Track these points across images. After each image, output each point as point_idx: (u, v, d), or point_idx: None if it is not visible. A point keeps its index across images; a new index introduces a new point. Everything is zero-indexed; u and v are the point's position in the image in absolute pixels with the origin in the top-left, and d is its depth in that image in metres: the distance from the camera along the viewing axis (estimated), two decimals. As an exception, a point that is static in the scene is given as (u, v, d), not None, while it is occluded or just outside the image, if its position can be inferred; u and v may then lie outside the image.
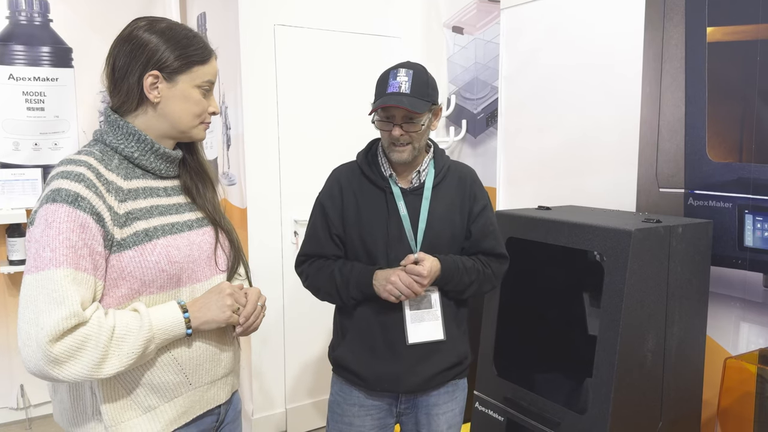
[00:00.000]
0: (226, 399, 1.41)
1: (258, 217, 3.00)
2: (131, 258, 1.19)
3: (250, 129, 2.95)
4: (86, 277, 1.13)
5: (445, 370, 1.74)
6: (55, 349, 1.06)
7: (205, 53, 1.30)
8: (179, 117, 1.29)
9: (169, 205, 1.31)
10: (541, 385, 2.04)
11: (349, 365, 1.75)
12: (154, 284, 1.23)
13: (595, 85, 2.35)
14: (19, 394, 3.32)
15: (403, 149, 1.65)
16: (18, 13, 3.21)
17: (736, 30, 1.91)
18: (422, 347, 1.69)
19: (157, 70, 1.24)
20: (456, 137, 3.20)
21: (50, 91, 3.30)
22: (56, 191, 1.13)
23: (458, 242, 1.74)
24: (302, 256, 1.80)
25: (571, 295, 2.13)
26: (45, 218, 1.12)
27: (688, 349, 1.91)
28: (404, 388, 1.72)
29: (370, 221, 1.70)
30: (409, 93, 1.60)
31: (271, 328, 3.05)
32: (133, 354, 1.15)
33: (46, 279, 1.09)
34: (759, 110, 1.86)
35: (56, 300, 1.08)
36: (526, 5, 2.61)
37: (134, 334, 1.15)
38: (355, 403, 1.77)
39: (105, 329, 1.12)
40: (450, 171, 1.77)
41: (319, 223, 1.76)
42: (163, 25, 1.28)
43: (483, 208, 1.77)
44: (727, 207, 1.94)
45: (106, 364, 1.12)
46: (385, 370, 1.70)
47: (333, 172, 1.81)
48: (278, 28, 2.97)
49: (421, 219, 1.69)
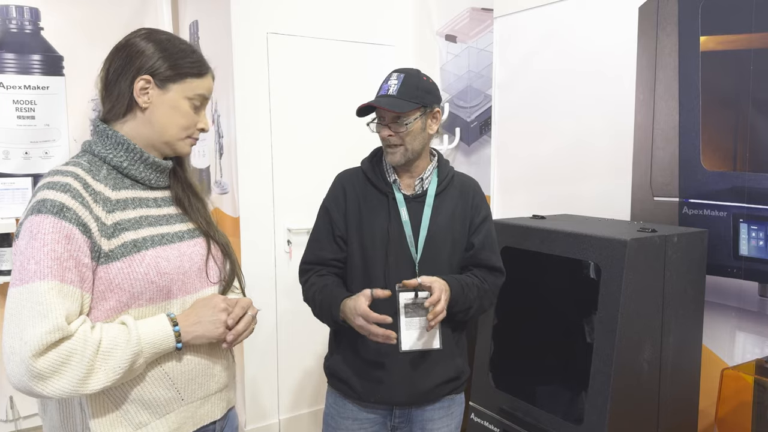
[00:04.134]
0: (221, 415, 1.38)
1: (251, 226, 2.98)
2: (119, 269, 1.17)
3: (243, 137, 2.93)
4: (72, 289, 1.10)
5: (441, 383, 1.72)
6: (38, 364, 1.04)
7: (201, 68, 1.30)
8: (165, 126, 1.27)
9: (159, 215, 1.29)
10: (537, 395, 2.03)
11: (342, 375, 1.74)
12: (143, 296, 1.20)
13: (588, 94, 2.35)
14: (8, 406, 3.28)
15: (395, 150, 1.67)
16: (8, 21, 3.18)
17: (729, 39, 1.91)
18: (417, 357, 1.67)
19: (149, 74, 1.23)
20: (449, 145, 3.20)
21: (41, 100, 3.27)
22: (41, 202, 1.11)
23: (458, 252, 1.73)
24: (303, 264, 1.79)
25: (566, 305, 2.12)
26: (30, 230, 1.10)
27: (684, 358, 1.90)
28: (398, 400, 1.70)
29: (371, 226, 1.70)
30: (395, 95, 1.64)
31: (265, 337, 3.02)
32: (120, 369, 1.12)
33: (30, 292, 1.07)
34: (753, 119, 1.87)
35: (40, 313, 1.05)
36: (519, 14, 2.61)
37: (121, 348, 1.12)
38: (349, 416, 1.75)
39: (90, 343, 1.09)
40: (453, 180, 1.77)
41: (323, 225, 1.76)
42: (163, 36, 1.28)
43: (484, 219, 1.77)
44: (721, 216, 1.94)
45: (91, 379, 1.09)
46: (378, 380, 1.68)
47: (337, 177, 1.82)
48: (271, 36, 2.96)
49: (423, 226, 1.69)
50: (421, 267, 1.66)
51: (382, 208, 1.71)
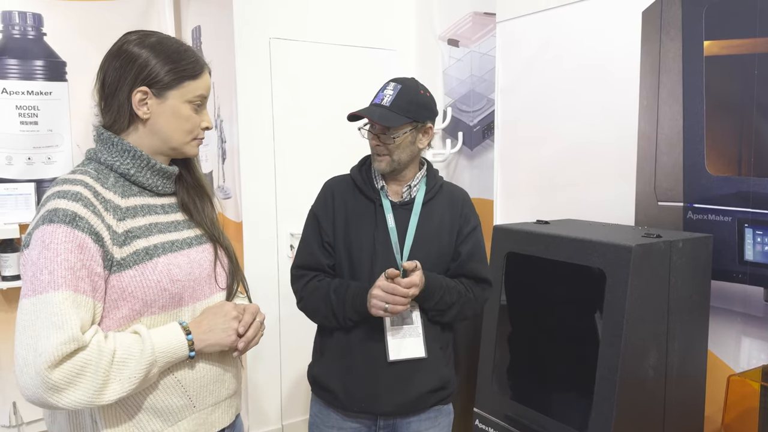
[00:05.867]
0: (230, 422, 1.38)
1: (254, 231, 2.97)
2: (132, 277, 1.16)
3: (246, 142, 2.93)
4: (85, 299, 1.10)
5: (426, 393, 1.70)
6: (53, 375, 1.03)
7: (196, 68, 1.28)
8: (170, 134, 1.26)
9: (167, 222, 1.29)
10: (542, 402, 2.01)
11: (326, 383, 1.72)
12: (156, 304, 1.20)
13: (591, 98, 2.34)
14: (11, 412, 3.27)
15: (381, 159, 1.67)
16: (11, 27, 3.18)
17: (733, 44, 1.91)
18: (402, 366, 1.65)
19: (146, 85, 1.22)
20: (452, 149, 3.19)
21: (44, 105, 3.27)
22: (53, 211, 1.10)
23: (444, 261, 1.73)
24: (295, 269, 1.78)
25: (571, 311, 2.11)
26: (42, 240, 1.09)
27: (689, 364, 1.89)
28: (382, 409, 1.68)
29: (357, 231, 1.70)
30: (388, 106, 1.63)
31: (267, 342, 3.01)
32: (136, 379, 1.11)
33: (44, 303, 1.06)
34: (757, 123, 1.86)
35: (55, 324, 1.04)
36: (521, 18, 2.61)
37: (136, 358, 1.11)
38: (333, 425, 1.74)
39: (105, 354, 1.08)
40: (442, 190, 1.77)
41: (311, 232, 1.76)
42: (153, 39, 1.26)
43: (473, 229, 1.76)
44: (726, 221, 1.93)
45: (107, 390, 1.08)
46: (362, 388, 1.67)
47: (326, 183, 1.83)
48: (273, 41, 2.96)
49: (409, 233, 1.68)
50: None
51: (368, 214, 1.71)
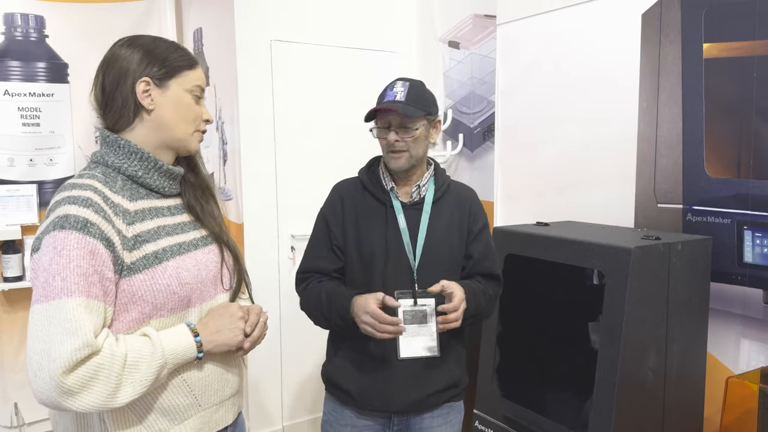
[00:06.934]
0: (233, 420, 1.40)
1: (255, 232, 2.98)
2: (142, 282, 1.18)
3: (247, 144, 2.93)
4: (97, 304, 1.11)
5: (439, 391, 1.71)
6: (68, 380, 1.04)
7: (190, 60, 1.32)
8: (174, 123, 1.28)
9: (174, 224, 1.30)
10: (541, 403, 2.02)
11: (340, 382, 1.74)
12: (165, 307, 1.22)
13: (591, 100, 2.35)
14: (12, 413, 3.28)
15: (400, 156, 1.67)
16: (13, 29, 3.20)
17: (732, 46, 1.91)
18: (415, 365, 1.66)
19: (147, 77, 1.25)
20: (453, 151, 3.20)
21: (46, 107, 3.28)
22: (64, 218, 1.11)
23: (456, 259, 1.74)
24: (300, 273, 1.79)
25: (570, 313, 2.12)
26: (54, 246, 1.10)
27: (689, 366, 1.90)
28: (396, 407, 1.69)
29: (369, 233, 1.70)
30: (404, 101, 1.65)
31: (268, 343, 3.00)
32: (147, 381, 1.13)
33: (57, 309, 1.07)
34: (756, 126, 1.86)
35: (69, 330, 1.05)
36: (522, 21, 2.61)
37: (147, 361, 1.13)
38: (347, 423, 1.75)
39: (117, 357, 1.10)
40: (450, 188, 1.78)
41: (321, 235, 1.76)
42: (144, 39, 1.30)
43: (482, 228, 1.77)
44: (725, 223, 1.94)
45: (120, 393, 1.10)
46: (376, 386, 1.68)
47: (334, 187, 1.83)
48: (275, 44, 2.97)
49: (420, 233, 1.69)
50: (419, 274, 1.66)
51: (379, 215, 1.72)
